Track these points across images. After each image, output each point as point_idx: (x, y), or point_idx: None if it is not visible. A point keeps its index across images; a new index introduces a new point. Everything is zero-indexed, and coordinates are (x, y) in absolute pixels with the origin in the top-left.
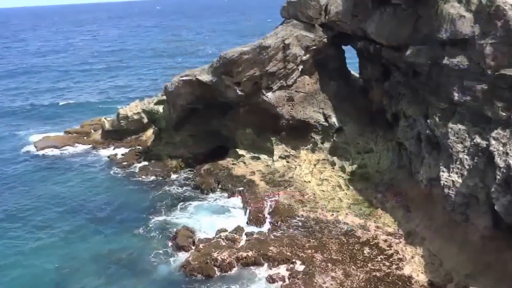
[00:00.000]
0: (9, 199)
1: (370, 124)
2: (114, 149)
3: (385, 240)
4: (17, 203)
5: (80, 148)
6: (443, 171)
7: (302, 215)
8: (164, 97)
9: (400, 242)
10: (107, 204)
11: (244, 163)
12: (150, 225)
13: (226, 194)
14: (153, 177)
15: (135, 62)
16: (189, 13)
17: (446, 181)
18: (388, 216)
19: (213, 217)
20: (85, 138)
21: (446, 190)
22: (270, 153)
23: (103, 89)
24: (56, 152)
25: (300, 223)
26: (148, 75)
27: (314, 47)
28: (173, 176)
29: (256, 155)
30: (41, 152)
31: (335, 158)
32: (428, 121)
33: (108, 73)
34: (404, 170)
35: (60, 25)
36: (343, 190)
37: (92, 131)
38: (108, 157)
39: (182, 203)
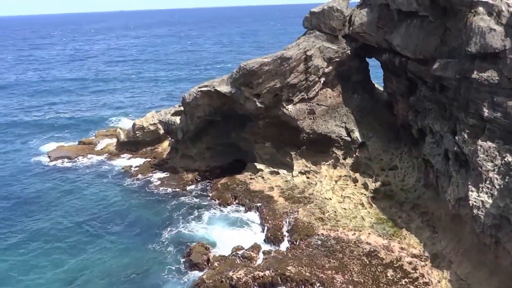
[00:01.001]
0: (20, 209)
1: (394, 140)
2: (129, 160)
3: (410, 263)
4: (29, 214)
5: (94, 159)
6: (471, 191)
7: (322, 233)
8: (182, 108)
9: (426, 265)
10: (120, 217)
11: (263, 178)
12: (164, 239)
13: (242, 208)
14: (168, 190)
15: (151, 72)
16: (207, 23)
17: (475, 201)
18: (413, 236)
19: (229, 233)
20: (99, 149)
21: (475, 211)
22: (290, 168)
23: (119, 99)
24: (69, 162)
25: (320, 242)
26: (165, 85)
27: (337, 59)
28: (189, 189)
29: (275, 169)
30: (54, 163)
31: (357, 175)
32: (456, 137)
33: (124, 83)
34: (430, 189)
35: (75, 33)
36: (366, 208)
37: (107, 142)
38: (123, 168)
39: (197, 217)
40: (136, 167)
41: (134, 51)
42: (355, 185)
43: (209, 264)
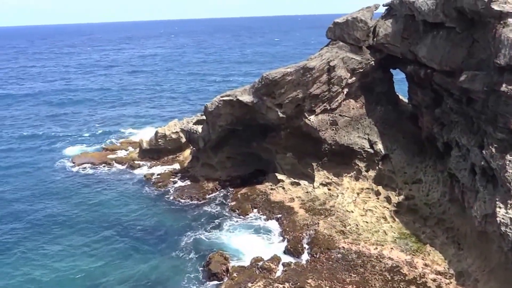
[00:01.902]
0: (42, 213)
1: (419, 153)
2: (150, 168)
3: (434, 280)
4: (50, 218)
5: (116, 166)
6: (499, 207)
7: (343, 247)
8: (204, 117)
9: (450, 282)
10: (140, 224)
11: (283, 188)
12: (183, 248)
13: (263, 219)
14: (188, 199)
15: (174, 81)
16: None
17: (503, 218)
18: (438, 253)
19: (248, 244)
20: (122, 156)
21: (503, 228)
22: (311, 179)
23: (143, 108)
24: (92, 169)
25: (340, 256)
26: (187, 94)
27: (361, 70)
28: (209, 199)
29: (296, 180)
30: (77, 168)
31: (380, 188)
32: (484, 152)
33: (148, 91)
34: (455, 204)
35: (98, 42)
36: (388, 223)
37: (130, 149)
38: (144, 176)
39: (217, 226)
40: (157, 175)
41: (157, 60)
42: (378, 198)
43: (228, 274)
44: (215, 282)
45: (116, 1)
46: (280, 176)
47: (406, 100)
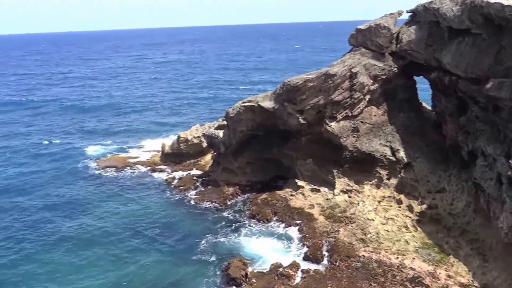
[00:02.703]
0: (64, 215)
1: (442, 161)
2: (172, 172)
3: None
4: (71, 219)
5: (139, 169)
6: None
7: (364, 255)
8: (225, 122)
9: None
10: (161, 228)
11: (303, 195)
12: (203, 252)
13: (282, 225)
14: (208, 203)
15: (197, 87)
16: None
17: None
18: (462, 264)
19: (267, 249)
20: (144, 159)
21: None
22: (331, 186)
23: (165, 113)
24: (115, 171)
25: (360, 264)
26: (208, 100)
27: (383, 77)
28: (229, 203)
29: (316, 187)
30: (101, 171)
31: (402, 196)
32: (511, 161)
33: (170, 97)
34: (480, 214)
35: (122, 48)
36: (410, 232)
37: (152, 153)
38: (166, 180)
39: (236, 231)
40: (178, 179)
41: (181, 66)
42: (399, 207)
43: (247, 280)
44: (234, 287)
45: (140, 9)
46: (300, 182)
47: (429, 108)
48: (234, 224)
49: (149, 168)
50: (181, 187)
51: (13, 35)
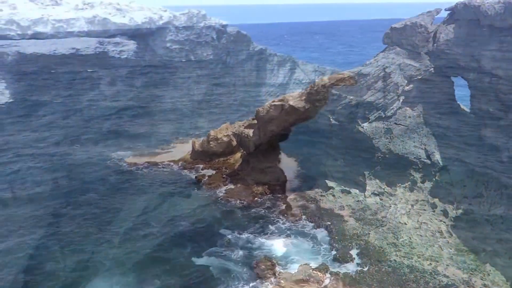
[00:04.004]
0: (93, 210)
1: (480, 165)
2: (202, 169)
3: None
4: (100, 215)
5: (169, 167)
6: None
7: (395, 260)
8: (255, 121)
9: None
10: (190, 223)
11: (333, 195)
12: (231, 249)
13: (311, 225)
14: (237, 201)
15: (227, 85)
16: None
17: None
18: (499, 274)
19: (296, 250)
20: (175, 158)
21: None
22: (362, 187)
23: (198, 112)
24: (146, 169)
25: (391, 269)
26: (240, 99)
27: (419, 77)
28: (258, 202)
29: (346, 188)
30: (131, 168)
31: (436, 200)
32: None
33: (203, 94)
34: None
35: None
36: (445, 237)
37: (183, 151)
38: (196, 177)
39: (265, 229)
40: (208, 176)
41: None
42: (434, 211)
43: (275, 279)
44: (261, 285)
45: None
46: (330, 183)
47: (467, 109)
48: (262, 223)
49: (179, 165)
50: (210, 185)
51: None
